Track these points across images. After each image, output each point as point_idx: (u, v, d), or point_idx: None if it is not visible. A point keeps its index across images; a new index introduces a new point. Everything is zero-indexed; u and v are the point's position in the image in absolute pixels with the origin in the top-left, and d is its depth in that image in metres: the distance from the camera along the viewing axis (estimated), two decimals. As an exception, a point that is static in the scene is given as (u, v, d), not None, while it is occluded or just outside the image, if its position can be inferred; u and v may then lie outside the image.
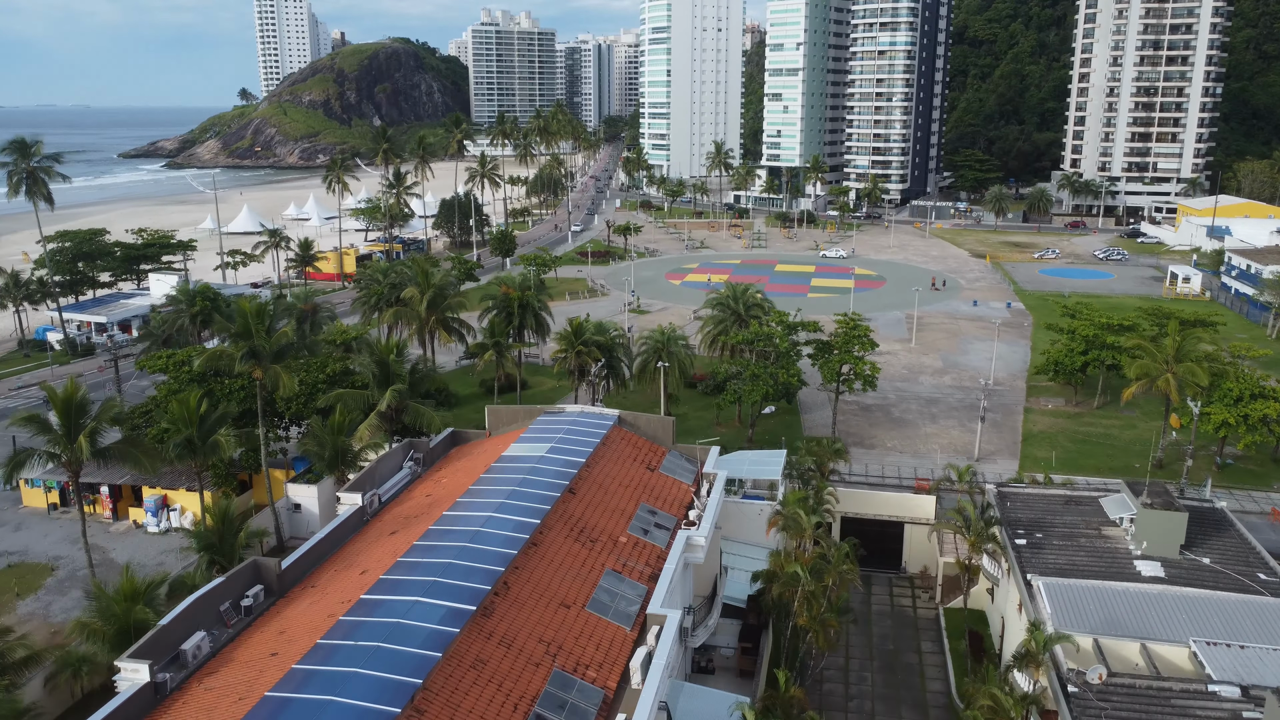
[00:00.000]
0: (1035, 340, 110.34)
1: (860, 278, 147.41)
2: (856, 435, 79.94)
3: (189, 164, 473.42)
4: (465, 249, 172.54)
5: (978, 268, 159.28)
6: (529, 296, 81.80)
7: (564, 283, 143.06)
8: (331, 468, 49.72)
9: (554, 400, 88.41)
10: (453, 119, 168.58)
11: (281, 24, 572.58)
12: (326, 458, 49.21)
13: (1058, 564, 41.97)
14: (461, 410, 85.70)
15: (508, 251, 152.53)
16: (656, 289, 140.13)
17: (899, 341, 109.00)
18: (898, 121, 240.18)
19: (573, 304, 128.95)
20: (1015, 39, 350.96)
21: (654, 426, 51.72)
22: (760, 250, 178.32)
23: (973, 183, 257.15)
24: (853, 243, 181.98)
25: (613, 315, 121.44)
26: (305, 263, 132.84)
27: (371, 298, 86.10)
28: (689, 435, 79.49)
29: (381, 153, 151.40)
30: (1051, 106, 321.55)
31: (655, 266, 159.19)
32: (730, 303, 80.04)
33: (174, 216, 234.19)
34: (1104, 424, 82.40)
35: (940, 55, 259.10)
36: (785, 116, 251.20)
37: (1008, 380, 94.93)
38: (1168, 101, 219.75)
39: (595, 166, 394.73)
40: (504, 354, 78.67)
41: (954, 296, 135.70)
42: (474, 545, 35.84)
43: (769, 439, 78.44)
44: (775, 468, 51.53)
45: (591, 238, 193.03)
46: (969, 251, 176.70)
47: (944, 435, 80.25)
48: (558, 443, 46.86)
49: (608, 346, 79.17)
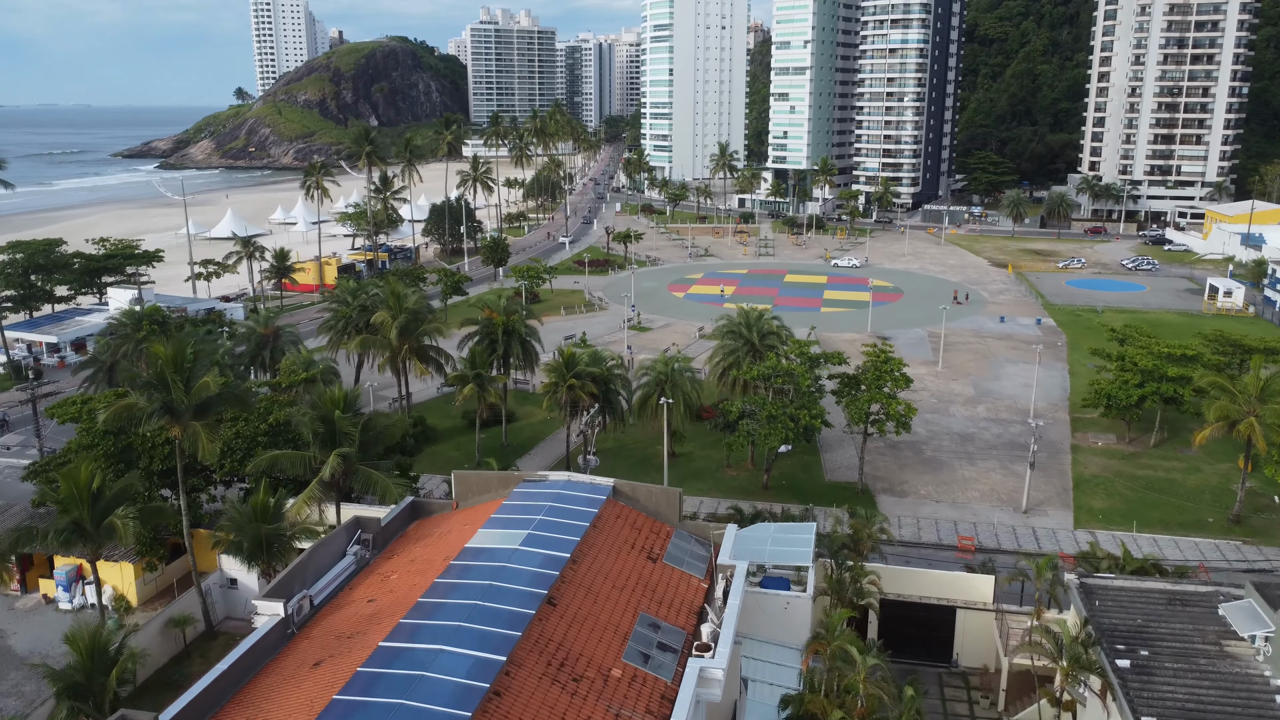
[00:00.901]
0: (1072, 362, 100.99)
1: (876, 290, 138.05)
2: (885, 479, 70.61)
3: (182, 165, 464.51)
4: (456, 257, 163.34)
5: (1000, 278, 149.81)
6: (515, 322, 72.44)
7: (559, 295, 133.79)
8: (253, 559, 40.38)
9: (543, 436, 79.19)
10: (443, 120, 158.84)
11: (278, 22, 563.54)
12: (246, 548, 39.80)
13: (1177, 700, 32.64)
14: (440, 447, 76.48)
15: (500, 261, 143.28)
16: (658, 302, 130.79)
17: (924, 364, 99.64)
18: (909, 122, 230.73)
19: (568, 320, 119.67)
20: (1027, 37, 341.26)
21: (656, 500, 42.41)
22: (768, 259, 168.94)
23: (986, 186, 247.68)
24: (865, 250, 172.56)
25: (611, 332, 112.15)
26: (281, 274, 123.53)
27: (339, 321, 76.74)
28: (695, 479, 70.31)
29: (364, 155, 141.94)
30: (1065, 107, 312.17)
31: (657, 277, 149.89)
32: (743, 330, 70.54)
33: (158, 220, 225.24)
34: (1164, 466, 73.03)
35: (953, 54, 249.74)
36: (792, 117, 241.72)
37: (1049, 411, 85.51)
38: (1192, 102, 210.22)
39: (595, 168, 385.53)
40: (486, 387, 69.40)
41: (978, 311, 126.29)
42: (413, 703, 26.54)
43: (786, 484, 69.26)
44: (804, 549, 42.21)
45: (590, 244, 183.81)
46: (988, 260, 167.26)
47: (984, 480, 70.88)
48: (537, 527, 37.55)
49: (603, 379, 69.95)
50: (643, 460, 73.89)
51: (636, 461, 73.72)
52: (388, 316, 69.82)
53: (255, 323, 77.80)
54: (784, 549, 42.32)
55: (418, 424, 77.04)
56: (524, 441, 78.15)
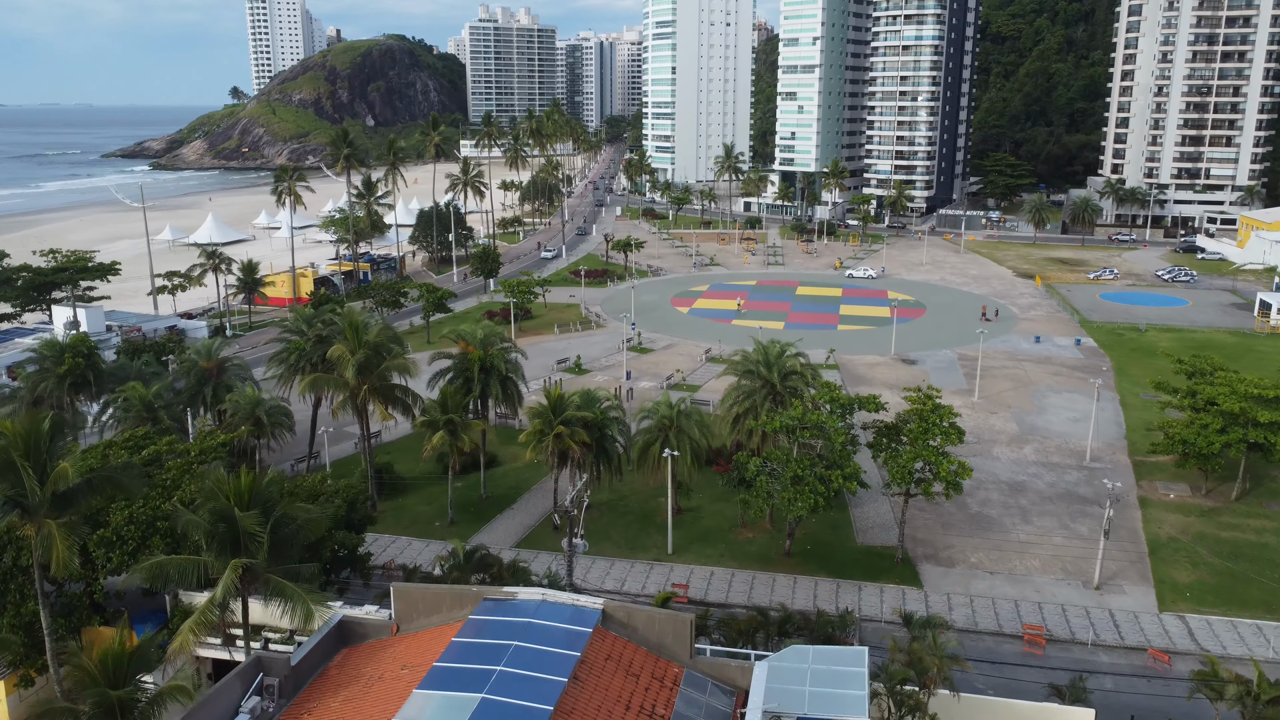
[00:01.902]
0: (1122, 391, 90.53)
1: (896, 304, 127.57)
2: (926, 543, 60.19)
3: (174, 166, 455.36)
4: (445, 266, 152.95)
5: (1027, 291, 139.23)
6: (494, 357, 61.95)
7: (554, 310, 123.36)
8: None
9: (529, 484, 68.74)
10: (431, 120, 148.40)
11: (274, 21, 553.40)
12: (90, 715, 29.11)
13: None
14: (407, 500, 66.14)
15: (490, 272, 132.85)
16: (661, 319, 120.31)
17: (958, 394, 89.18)
18: (923, 123, 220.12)
19: (562, 339, 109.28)
20: (1041, 35, 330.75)
21: (660, 629, 31.96)
22: (778, 268, 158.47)
23: (1003, 189, 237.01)
24: (881, 259, 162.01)
25: (609, 355, 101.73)
26: (250, 288, 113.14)
27: (291, 354, 66.33)
28: (704, 542, 59.97)
29: (342, 159, 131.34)
30: (1082, 107, 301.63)
31: (659, 289, 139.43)
32: (761, 369, 59.92)
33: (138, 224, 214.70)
34: (1251, 525, 62.58)
35: (968, 51, 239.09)
36: (800, 117, 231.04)
37: (1105, 453, 75.13)
38: (1222, 102, 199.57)
39: (596, 169, 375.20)
40: (459, 434, 59.05)
41: (1009, 329, 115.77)
42: None
43: (811, 549, 58.87)
44: (856, 693, 31.75)
45: (589, 252, 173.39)
46: (1012, 270, 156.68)
47: (1043, 544, 60.44)
48: (496, 686, 27.25)
49: (597, 424, 59.62)
50: (643, 517, 63.54)
51: (635, 519, 63.36)
52: (345, 351, 59.44)
53: (196, 354, 67.41)
54: (830, 692, 31.88)
55: (383, 471, 66.80)
56: (506, 492, 67.75)
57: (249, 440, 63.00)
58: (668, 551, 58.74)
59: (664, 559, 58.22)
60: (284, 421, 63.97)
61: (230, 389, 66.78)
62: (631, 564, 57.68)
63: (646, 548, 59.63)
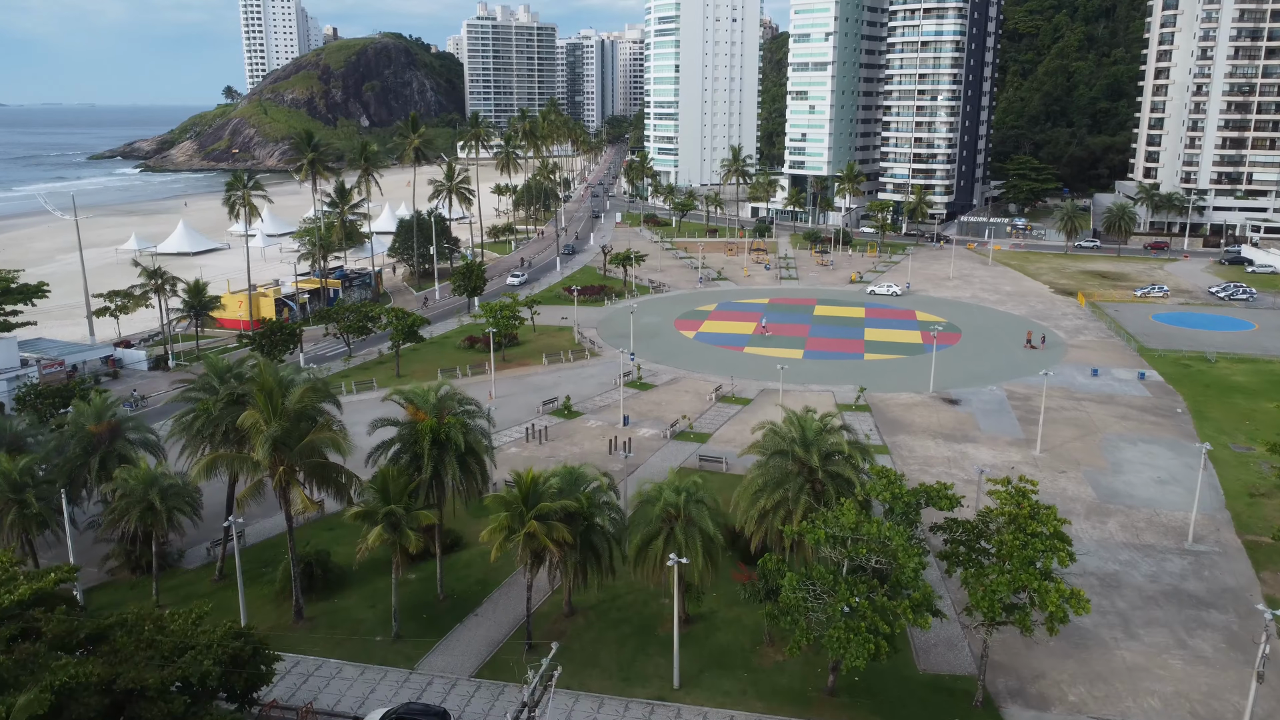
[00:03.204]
0: (1204, 436, 76.69)
1: (927, 326, 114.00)
2: (1008, 670, 46.51)
3: (162, 167, 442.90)
4: (428, 280, 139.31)
5: (1071, 311, 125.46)
6: (450, 428, 48.18)
7: (543, 334, 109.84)
8: None
9: (499, 579, 55.04)
10: (410, 121, 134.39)
11: (268, 18, 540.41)
12: None
13: None
14: (344, 601, 52.55)
15: (474, 290, 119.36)
16: (663, 346, 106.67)
17: (1013, 444, 75.56)
18: (943, 124, 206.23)
19: (551, 371, 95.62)
20: (1060, 32, 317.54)
21: None
22: (791, 283, 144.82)
23: (1027, 194, 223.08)
24: (904, 273, 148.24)
25: (603, 392, 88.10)
26: (196, 312, 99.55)
27: (197, 420, 52.63)
28: (718, 667, 46.43)
29: (307, 164, 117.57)
30: (1104, 107, 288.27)
31: (661, 308, 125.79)
32: (795, 448, 45.86)
33: (106, 232, 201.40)
34: None
35: (989, 47, 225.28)
36: (811, 117, 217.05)
37: (1206, 529, 61.42)
38: (1267, 101, 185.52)
39: (596, 172, 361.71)
40: (402, 530, 45.48)
41: (1058, 357, 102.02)
42: None
43: (860, 682, 45.07)
44: None
45: (585, 263, 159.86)
46: (1049, 285, 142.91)
47: (1159, 671, 46.76)
48: None
49: (582, 514, 46.13)
50: (641, 628, 49.92)
51: (632, 631, 49.73)
52: (258, 420, 45.83)
53: (82, 415, 53.83)
54: None
55: (314, 561, 53.05)
56: (470, 589, 54.08)
57: (146, 526, 49.63)
58: (673, 686, 45.14)
59: (668, 696, 44.62)
60: (185, 507, 50.45)
61: (125, 459, 53.28)
62: (626, 705, 44.05)
63: (646, 677, 46.02)
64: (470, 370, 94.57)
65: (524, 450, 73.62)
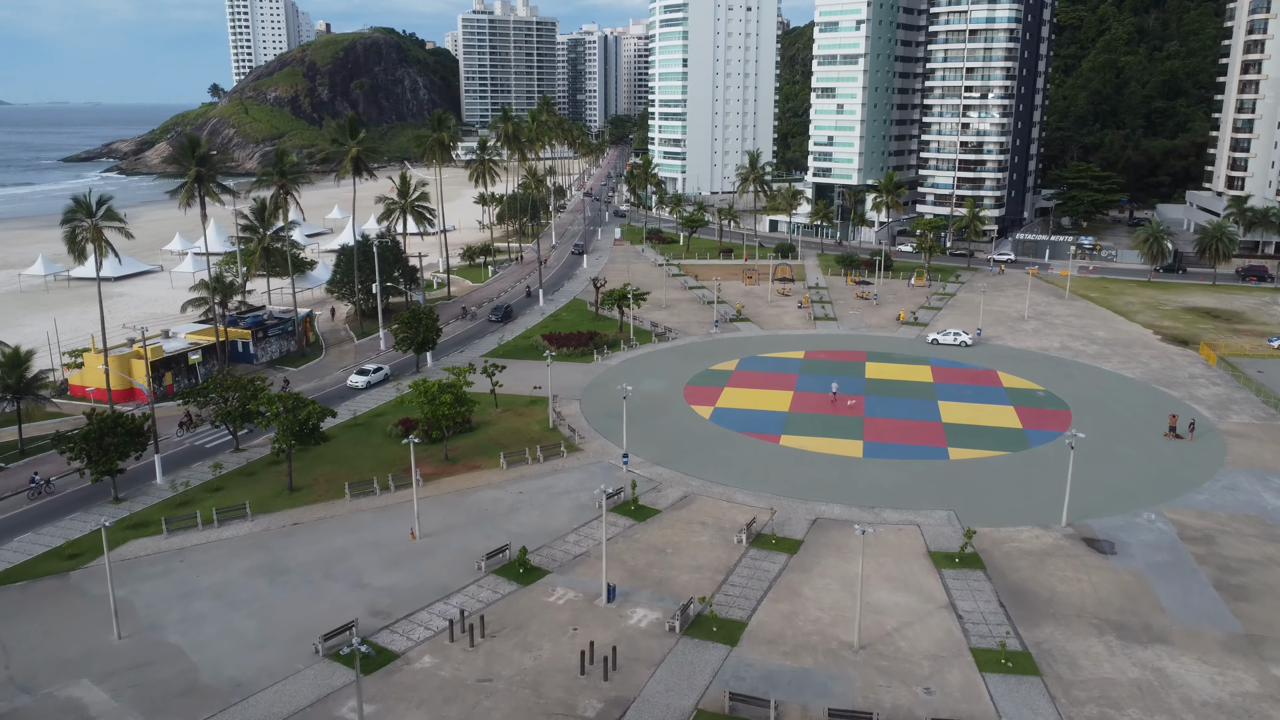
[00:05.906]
0: None
1: (1019, 399, 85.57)
2: None
3: (135, 170, 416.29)
4: (372, 323, 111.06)
5: (1199, 371, 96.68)
6: None
7: (508, 412, 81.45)
8: None
9: None
10: (349, 123, 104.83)
11: (255, 12, 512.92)
12: None
13: None
14: None
15: (424, 344, 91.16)
16: (670, 432, 78.10)
17: (1227, 645, 46.94)
18: (995, 125, 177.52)
19: (509, 481, 67.04)
20: (1106, 24, 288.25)
21: None
22: (828, 324, 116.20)
23: (1087, 206, 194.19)
24: (968, 313, 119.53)
25: (580, 524, 59.36)
26: (18, 394, 71.16)
27: None
28: None
29: (190, 181, 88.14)
30: (1160, 106, 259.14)
31: (667, 365, 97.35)
32: None
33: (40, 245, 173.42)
34: None
35: (1044, 38, 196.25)
36: (840, 118, 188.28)
37: None
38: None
39: (595, 177, 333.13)
40: None
41: (1220, 456, 73.25)
42: None
43: None
44: None
45: (576, 295, 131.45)
46: (1151, 328, 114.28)
47: None
48: None
49: None
50: None
51: None
52: None
53: None
54: None
55: None
56: None
57: None
58: None
59: None
60: None
61: None
62: None
63: None
64: (394, 482, 66.20)
65: (441, 666, 45.35)
